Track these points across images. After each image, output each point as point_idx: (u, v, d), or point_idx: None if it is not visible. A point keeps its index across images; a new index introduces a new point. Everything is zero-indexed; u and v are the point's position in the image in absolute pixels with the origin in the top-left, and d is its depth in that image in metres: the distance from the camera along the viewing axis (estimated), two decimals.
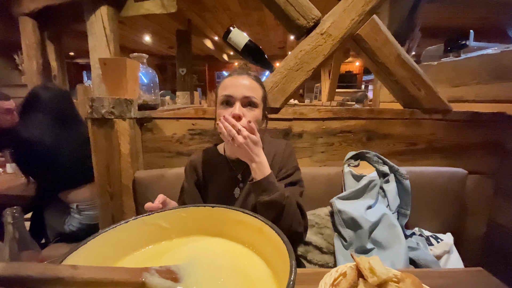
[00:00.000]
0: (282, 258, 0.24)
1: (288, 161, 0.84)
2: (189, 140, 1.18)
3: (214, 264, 0.29)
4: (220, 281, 0.26)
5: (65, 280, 0.18)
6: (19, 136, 1.22)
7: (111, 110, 0.99)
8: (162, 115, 1.15)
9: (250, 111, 0.75)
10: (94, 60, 2.70)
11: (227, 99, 0.75)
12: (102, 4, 2.58)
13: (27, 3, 2.95)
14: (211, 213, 0.35)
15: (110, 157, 1.03)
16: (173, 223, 0.34)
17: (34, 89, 1.33)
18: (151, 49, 6.67)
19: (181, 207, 0.34)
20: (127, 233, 0.29)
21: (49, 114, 1.28)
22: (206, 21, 4.33)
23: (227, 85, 0.76)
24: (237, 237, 0.35)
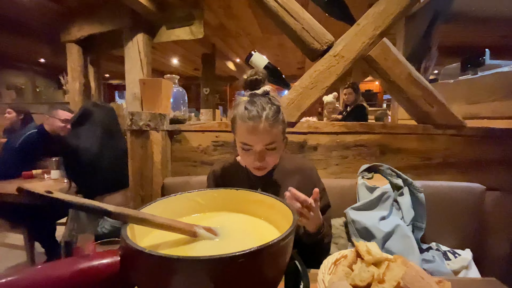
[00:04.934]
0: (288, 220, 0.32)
1: (318, 183, 0.88)
2: (212, 150, 1.30)
3: (238, 229, 0.39)
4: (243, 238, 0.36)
5: (148, 220, 0.29)
6: (70, 144, 1.42)
7: (147, 123, 1.14)
8: (189, 128, 1.29)
9: (271, 154, 0.76)
10: (129, 80, 3.01)
11: (247, 148, 0.75)
12: (139, 32, 2.91)
13: (74, 32, 3.38)
14: (236, 194, 0.44)
15: (144, 164, 1.17)
16: (207, 200, 0.43)
17: (86, 106, 1.55)
18: (177, 70, 7.16)
19: (213, 189, 0.45)
20: (175, 204, 0.39)
21: (96, 127, 1.48)
22: (229, 45, 4.64)
23: (245, 133, 0.73)
24: (255, 213, 0.44)
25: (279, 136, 0.76)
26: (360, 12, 1.27)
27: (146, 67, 2.97)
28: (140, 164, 1.16)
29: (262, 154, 0.74)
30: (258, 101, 0.74)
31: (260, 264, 0.26)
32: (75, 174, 1.52)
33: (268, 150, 0.75)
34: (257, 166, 0.76)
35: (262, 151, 0.74)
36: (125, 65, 2.99)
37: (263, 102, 0.74)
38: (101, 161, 1.43)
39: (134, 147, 1.16)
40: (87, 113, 1.51)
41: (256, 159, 0.74)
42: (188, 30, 2.88)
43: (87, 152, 1.41)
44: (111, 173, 1.44)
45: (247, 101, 0.75)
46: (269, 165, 0.78)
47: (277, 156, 0.79)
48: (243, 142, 0.75)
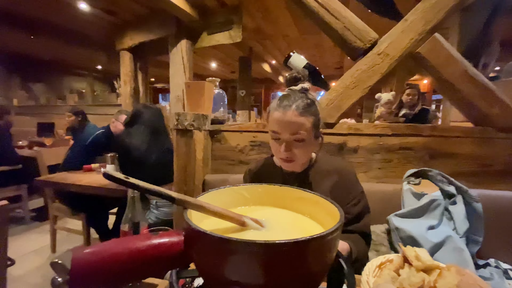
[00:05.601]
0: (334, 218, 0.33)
1: (356, 186, 0.85)
2: (249, 150, 1.34)
3: (283, 223, 0.41)
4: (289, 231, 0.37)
5: (204, 207, 0.32)
6: (123, 141, 1.59)
7: (191, 123, 1.22)
8: (229, 128, 1.34)
9: (299, 147, 0.74)
10: (173, 84, 3.23)
11: (276, 136, 0.75)
12: (182, 39, 3.11)
13: (127, 40, 3.73)
14: (279, 190, 0.46)
15: (187, 161, 1.25)
16: (252, 195, 0.46)
17: (137, 107, 1.73)
18: (215, 74, 7.46)
19: (258, 184, 0.47)
20: (224, 195, 0.42)
21: (146, 126, 1.64)
22: (266, 47, 4.70)
23: (275, 120, 0.74)
24: (297, 209, 0.45)
25: (309, 129, 0.74)
26: (407, 7, 1.20)
27: (188, 71, 3.16)
28: (184, 161, 1.24)
29: (289, 144, 0.73)
30: (293, 94, 0.76)
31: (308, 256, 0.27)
32: (127, 168, 1.68)
33: (296, 141, 0.73)
34: (284, 156, 0.74)
35: (289, 141, 0.73)
36: (170, 70, 3.22)
37: (298, 95, 0.75)
38: (149, 157, 1.57)
39: (179, 145, 1.25)
40: (138, 113, 1.68)
41: (283, 147, 0.73)
42: (227, 34, 3.00)
43: (137, 148, 1.56)
44: (157, 169, 1.57)
45: (282, 95, 0.77)
46: (296, 158, 0.75)
47: (306, 150, 0.76)
48: (272, 130, 0.75)
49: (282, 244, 0.25)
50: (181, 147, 1.25)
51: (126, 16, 3.45)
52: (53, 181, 1.85)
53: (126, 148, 1.59)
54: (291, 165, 0.78)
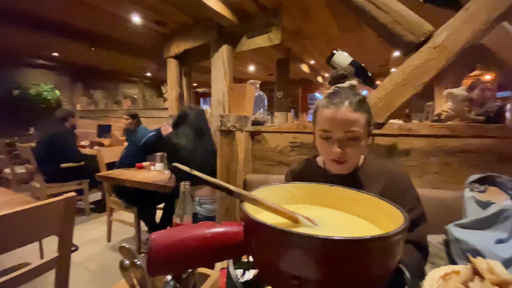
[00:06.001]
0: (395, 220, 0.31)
1: (410, 191, 0.77)
2: (289, 151, 1.33)
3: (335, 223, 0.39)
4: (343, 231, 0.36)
5: (259, 202, 0.33)
6: (172, 142, 1.72)
7: (234, 124, 1.26)
8: (269, 129, 1.35)
9: (352, 145, 0.70)
10: (215, 88, 3.37)
11: (326, 135, 0.71)
12: (223, 44, 3.23)
13: (173, 48, 4.01)
14: (329, 190, 0.45)
15: (230, 161, 1.29)
16: (301, 193, 0.46)
17: (183, 108, 1.85)
18: (253, 77, 7.59)
19: (307, 183, 0.46)
20: (273, 192, 0.43)
21: (192, 127, 1.75)
22: (304, 47, 4.63)
23: (326, 118, 0.71)
24: (349, 209, 0.43)
25: (363, 126, 0.70)
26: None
27: (229, 75, 3.27)
28: (227, 161, 1.29)
29: (342, 142, 0.69)
30: (342, 91, 0.72)
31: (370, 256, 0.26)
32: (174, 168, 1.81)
33: (349, 140, 0.69)
34: (336, 156, 0.69)
35: (342, 139, 0.69)
36: (212, 74, 3.37)
37: (347, 92, 0.72)
38: (195, 157, 1.67)
39: (223, 146, 1.30)
40: (184, 114, 1.81)
41: (336, 146, 0.69)
42: (267, 37, 3.03)
43: (184, 148, 1.67)
44: (202, 168, 1.65)
45: (330, 93, 0.74)
46: (349, 158, 0.71)
47: (359, 150, 0.72)
48: (323, 129, 0.71)
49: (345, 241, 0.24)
50: (224, 147, 1.30)
51: (173, 26, 3.72)
52: (111, 176, 2.06)
53: (174, 148, 1.71)
54: (342, 167, 0.74)
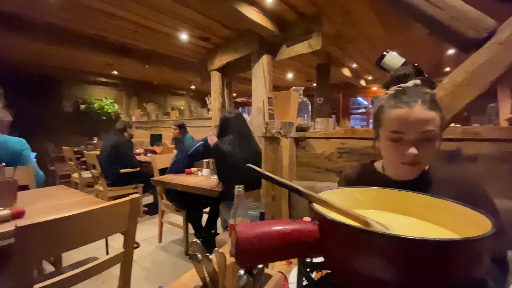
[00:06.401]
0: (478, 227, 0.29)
1: (486, 201, 0.69)
2: (337, 158, 1.29)
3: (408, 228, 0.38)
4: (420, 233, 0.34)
5: (329, 204, 0.34)
6: (219, 149, 1.81)
7: (279, 130, 1.28)
8: (314, 135, 1.34)
9: (427, 147, 0.65)
10: (255, 96, 3.46)
11: (397, 137, 0.66)
12: (264, 54, 3.32)
13: (216, 62, 4.24)
14: (397, 195, 0.43)
15: (275, 167, 1.31)
16: (366, 198, 0.45)
17: (223, 116, 1.96)
18: (291, 84, 7.59)
19: (373, 187, 0.45)
20: (336, 196, 0.43)
21: (234, 132, 1.83)
22: (346, 51, 4.50)
23: (396, 119, 0.66)
24: (422, 216, 0.40)
25: (438, 126, 0.64)
26: None
27: (268, 84, 3.33)
28: (272, 167, 1.31)
29: (417, 143, 0.64)
30: (410, 90, 0.68)
31: (456, 261, 0.25)
32: (225, 173, 1.88)
33: (424, 141, 0.64)
34: (410, 158, 0.64)
35: (417, 140, 0.64)
36: (252, 84, 3.47)
37: (416, 90, 0.67)
38: (241, 162, 1.72)
39: (267, 152, 1.33)
40: (225, 121, 1.91)
41: (411, 148, 0.63)
42: (307, 44, 3.03)
43: (230, 155, 1.74)
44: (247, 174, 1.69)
45: (395, 92, 0.69)
46: (423, 159, 0.66)
47: (433, 151, 0.66)
48: (393, 130, 0.66)
49: (431, 242, 0.23)
50: (269, 153, 1.32)
51: (217, 41, 3.95)
52: (164, 181, 2.24)
53: (223, 156, 1.79)
54: (414, 169, 0.68)
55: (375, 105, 0.75)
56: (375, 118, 0.75)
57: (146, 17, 3.17)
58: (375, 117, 0.75)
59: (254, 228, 0.29)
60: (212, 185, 1.95)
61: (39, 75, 5.62)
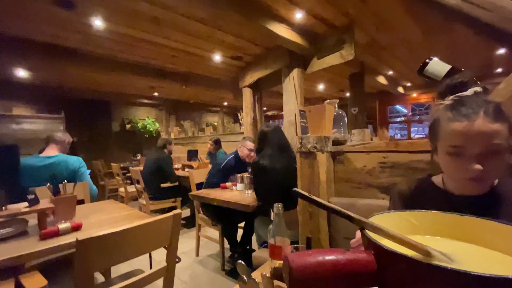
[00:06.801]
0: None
1: None
2: (379, 172, 1.22)
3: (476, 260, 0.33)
4: (489, 269, 0.30)
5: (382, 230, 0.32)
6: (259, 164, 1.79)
7: (314, 145, 1.26)
8: (353, 149, 1.29)
9: (493, 161, 0.59)
10: (286, 110, 3.48)
11: (458, 151, 0.61)
12: (294, 68, 3.35)
13: (248, 78, 4.38)
14: (459, 220, 0.38)
15: (311, 183, 1.28)
16: (422, 222, 0.41)
17: (261, 129, 1.95)
18: (323, 95, 7.47)
19: (430, 211, 0.41)
20: (388, 220, 0.39)
21: (273, 146, 1.81)
22: (381, 59, 4.33)
23: (456, 132, 0.61)
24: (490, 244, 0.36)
25: (505, 138, 0.58)
26: None
27: (300, 97, 3.33)
28: (308, 183, 1.28)
29: (482, 158, 0.58)
30: (469, 100, 0.62)
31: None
32: (259, 188, 1.87)
33: (490, 154, 0.58)
34: (474, 174, 0.59)
35: (481, 154, 0.58)
36: (283, 98, 3.50)
37: (477, 100, 0.61)
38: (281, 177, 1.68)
39: (303, 167, 1.30)
40: (263, 134, 1.89)
41: (475, 163, 0.58)
42: (338, 55, 2.99)
43: (270, 170, 1.71)
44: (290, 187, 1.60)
45: (452, 103, 0.64)
46: (491, 175, 0.60)
47: (502, 167, 0.60)
48: (453, 144, 0.61)
49: None
50: (304, 169, 1.30)
51: (248, 59, 4.10)
52: (201, 195, 2.32)
53: (262, 171, 1.76)
54: (481, 185, 0.63)
55: (430, 117, 0.70)
56: (431, 131, 0.70)
57: (184, 43, 3.44)
58: (430, 130, 0.71)
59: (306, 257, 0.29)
60: (247, 200, 1.96)
61: (92, 100, 6.35)
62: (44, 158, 2.05)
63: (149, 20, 2.79)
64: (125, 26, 2.94)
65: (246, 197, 2.09)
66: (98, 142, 6.44)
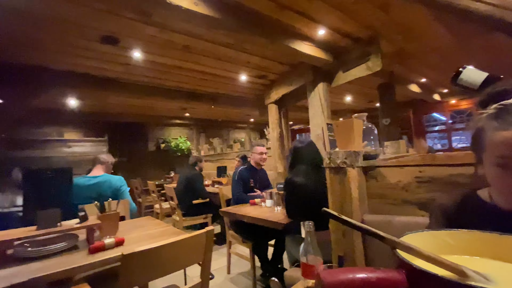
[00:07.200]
0: None
1: None
2: (416, 188, 1.16)
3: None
4: None
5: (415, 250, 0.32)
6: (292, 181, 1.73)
7: (344, 160, 1.24)
8: (386, 163, 1.25)
9: None
10: (313, 124, 3.46)
11: (508, 163, 0.59)
12: (319, 83, 3.36)
13: (273, 95, 4.47)
14: (499, 239, 0.37)
15: (343, 199, 1.25)
16: (458, 242, 0.39)
17: (294, 145, 1.89)
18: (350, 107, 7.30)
19: (466, 230, 0.40)
20: (423, 239, 0.39)
21: (307, 162, 1.75)
22: (411, 67, 4.16)
23: (504, 142, 0.59)
24: None
25: None
26: None
27: (326, 111, 3.31)
28: (339, 199, 1.25)
29: None
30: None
31: None
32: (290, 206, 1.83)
33: None
34: None
35: None
36: (309, 112, 3.50)
37: None
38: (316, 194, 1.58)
39: (333, 184, 1.29)
40: (296, 151, 1.84)
41: None
42: (364, 66, 2.95)
43: (304, 187, 1.65)
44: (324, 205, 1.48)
45: (497, 112, 0.62)
46: None
47: None
48: (502, 154, 0.59)
49: None
50: (335, 185, 1.28)
51: (273, 77, 4.22)
52: (231, 212, 2.36)
53: (296, 188, 1.70)
54: None
55: (473, 127, 0.68)
56: (474, 142, 0.68)
57: (212, 67, 3.66)
58: (474, 140, 0.68)
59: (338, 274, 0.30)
60: (276, 217, 1.95)
61: (131, 123, 6.91)
62: (91, 178, 2.27)
63: (180, 49, 3.04)
64: (160, 56, 3.23)
65: (275, 214, 2.08)
66: (136, 162, 6.91)
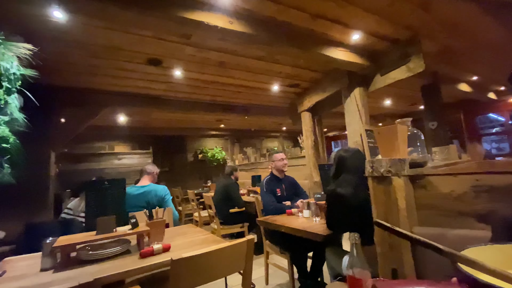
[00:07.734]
0: None
1: None
2: (472, 198, 1.05)
3: None
4: None
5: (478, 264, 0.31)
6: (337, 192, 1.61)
7: (388, 169, 1.18)
8: (436, 171, 1.16)
9: None
10: (350, 131, 3.34)
11: None
12: (355, 88, 3.25)
13: (306, 103, 4.43)
14: None
15: (388, 210, 1.18)
16: None
17: (338, 154, 1.75)
18: (390, 111, 6.88)
19: None
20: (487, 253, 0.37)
21: (354, 172, 1.62)
22: (458, 65, 3.81)
23: None
24: None
25: None
26: None
27: (364, 116, 3.18)
28: (385, 211, 1.19)
29: None
30: None
31: None
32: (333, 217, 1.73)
33: None
34: None
35: None
36: (346, 119, 3.39)
37: None
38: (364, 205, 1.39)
39: (377, 194, 1.23)
40: (341, 161, 1.72)
41: None
42: (405, 68, 2.79)
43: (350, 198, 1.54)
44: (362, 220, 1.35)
45: None
46: None
47: None
48: None
49: None
50: (379, 195, 1.22)
51: (305, 85, 4.20)
52: (268, 221, 2.36)
53: (340, 200, 1.60)
54: None
55: None
56: None
57: (246, 79, 3.79)
58: None
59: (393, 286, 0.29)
60: (315, 228, 1.90)
61: (172, 136, 7.40)
62: (139, 188, 2.48)
63: (216, 65, 3.21)
64: (198, 73, 3.45)
65: (314, 224, 2.03)
66: (176, 172, 7.35)
